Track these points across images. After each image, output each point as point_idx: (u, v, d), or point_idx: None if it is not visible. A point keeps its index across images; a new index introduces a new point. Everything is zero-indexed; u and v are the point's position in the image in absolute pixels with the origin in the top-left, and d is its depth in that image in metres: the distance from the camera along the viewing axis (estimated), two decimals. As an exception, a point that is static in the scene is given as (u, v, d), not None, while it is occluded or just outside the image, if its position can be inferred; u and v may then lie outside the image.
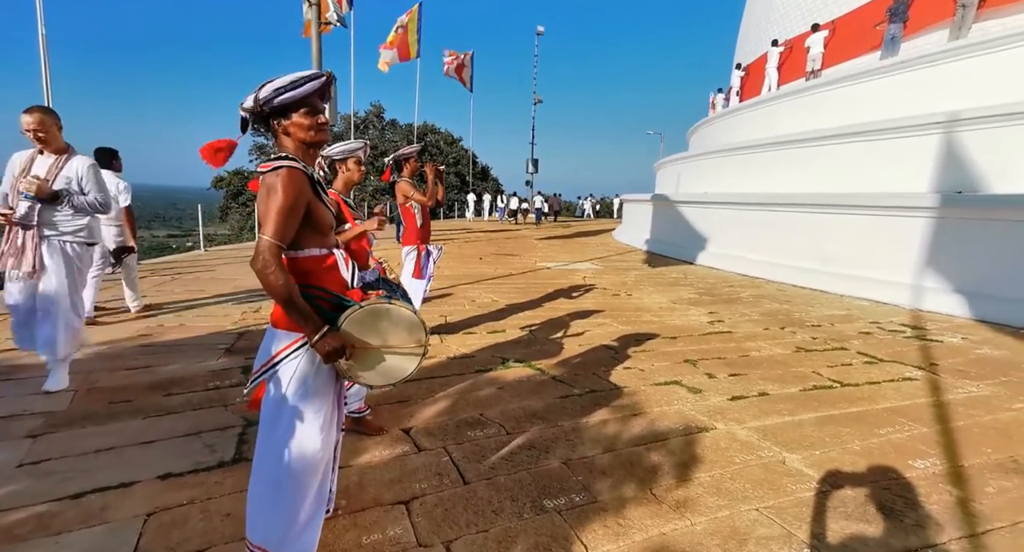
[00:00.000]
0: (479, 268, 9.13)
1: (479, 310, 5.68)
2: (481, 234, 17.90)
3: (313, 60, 6.01)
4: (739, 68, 15.41)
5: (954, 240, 5.89)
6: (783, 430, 2.78)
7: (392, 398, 3.06)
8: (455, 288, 6.99)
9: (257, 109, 1.44)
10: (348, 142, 2.60)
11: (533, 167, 29.30)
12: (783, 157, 9.39)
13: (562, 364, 3.87)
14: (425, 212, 4.13)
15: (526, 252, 12.16)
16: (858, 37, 10.42)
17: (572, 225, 25.18)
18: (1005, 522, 1.96)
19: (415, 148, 4.00)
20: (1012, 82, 6.73)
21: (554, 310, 5.76)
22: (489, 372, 3.65)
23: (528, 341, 4.50)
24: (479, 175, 38.92)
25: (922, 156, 6.86)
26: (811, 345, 4.47)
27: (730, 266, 9.07)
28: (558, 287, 7.27)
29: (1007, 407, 3.09)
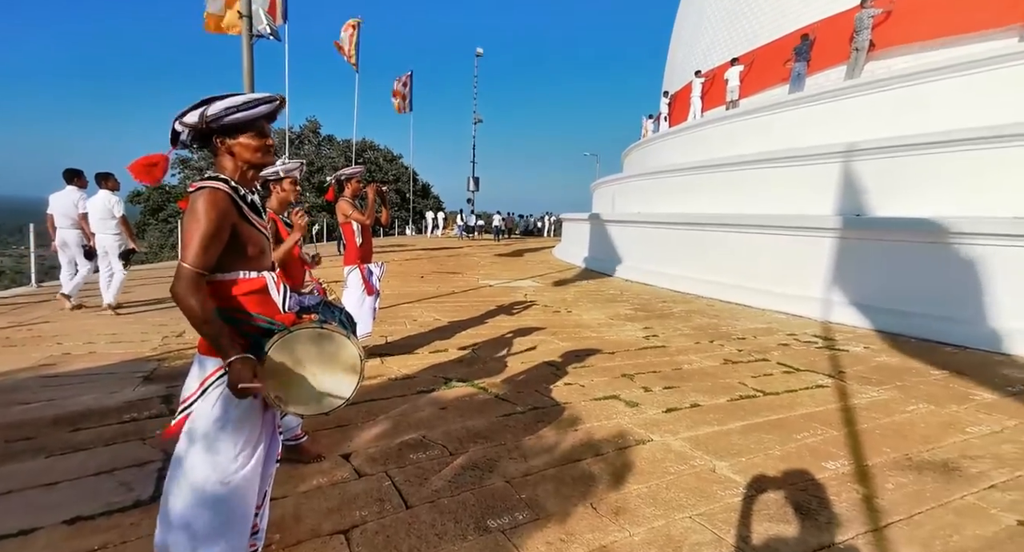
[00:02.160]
0: (421, 287, 9.04)
1: (421, 329, 5.61)
2: (422, 252, 17.74)
3: (244, 73, 5.81)
4: (666, 95, 16.40)
5: (855, 258, 6.51)
6: (713, 439, 2.94)
7: (331, 423, 2.96)
8: (397, 307, 6.88)
9: (202, 125, 1.39)
10: (284, 162, 2.54)
11: (474, 185, 29.52)
12: (707, 180, 10.04)
13: (505, 382, 3.90)
14: (366, 231, 4.08)
15: (468, 270, 12.16)
16: (770, 71, 11.42)
17: (513, 243, 25.51)
18: (902, 515, 2.17)
19: (359, 169, 3.96)
20: (898, 117, 7.61)
21: (496, 328, 5.80)
22: (432, 392, 3.61)
23: (471, 360, 4.50)
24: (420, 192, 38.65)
25: (826, 182, 7.57)
26: (737, 357, 4.76)
27: (664, 283, 9.51)
28: (500, 304, 7.33)
29: (902, 409, 3.44)
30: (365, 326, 4.08)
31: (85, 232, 5.94)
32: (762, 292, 7.52)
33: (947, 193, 6.19)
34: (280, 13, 9.05)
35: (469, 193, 30.67)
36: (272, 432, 1.64)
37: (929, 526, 2.09)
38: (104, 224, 5.85)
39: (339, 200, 3.89)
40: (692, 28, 16.01)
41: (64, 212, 5.83)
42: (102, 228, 5.85)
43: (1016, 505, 2.24)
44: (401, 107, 26.59)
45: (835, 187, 7.46)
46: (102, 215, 5.82)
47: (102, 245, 5.90)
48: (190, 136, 1.44)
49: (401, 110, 26.68)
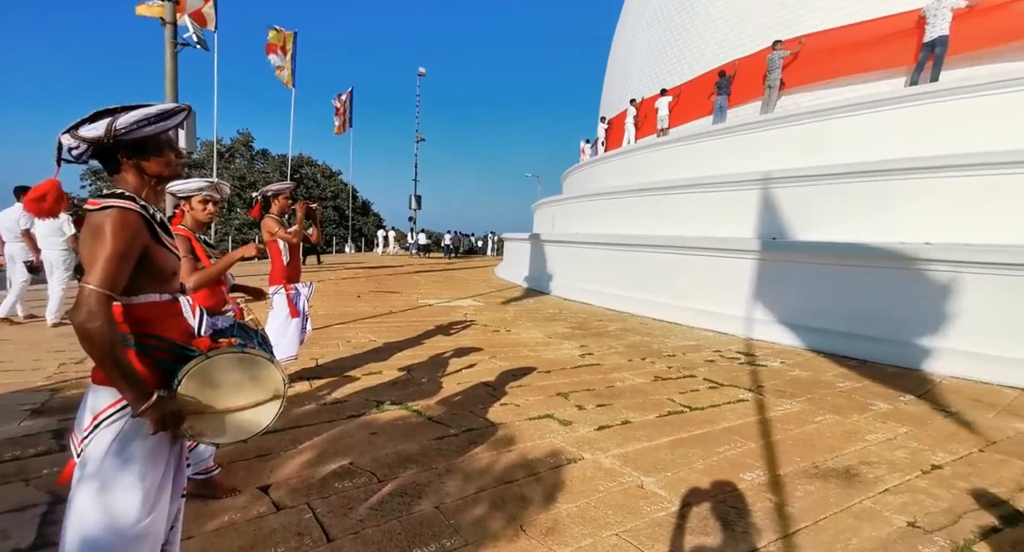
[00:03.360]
0: (357, 306, 8.78)
1: (354, 351, 5.44)
2: (361, 271, 17.28)
3: (167, 82, 5.49)
4: (604, 121, 17.12)
5: (772, 279, 7.00)
6: (642, 455, 3.02)
7: (249, 453, 2.78)
8: (330, 329, 6.63)
9: (108, 139, 1.29)
10: (190, 180, 2.39)
11: (416, 203, 29.27)
12: (641, 203, 10.51)
13: (440, 404, 3.84)
14: (294, 250, 3.93)
15: (408, 289, 11.96)
16: (696, 103, 12.20)
17: (456, 262, 25.42)
18: (809, 521, 2.31)
19: (287, 185, 3.82)
20: (806, 150, 8.33)
21: (434, 348, 5.72)
22: (362, 417, 3.49)
23: (406, 382, 4.40)
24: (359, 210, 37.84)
25: (747, 207, 8.13)
26: (667, 374, 4.95)
27: (601, 301, 9.77)
28: (439, 324, 7.24)
29: (811, 420, 3.69)
30: (291, 349, 3.90)
31: (29, 247, 6.05)
32: (691, 310, 7.89)
33: (850, 220, 6.81)
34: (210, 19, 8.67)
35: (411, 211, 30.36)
36: (178, 465, 1.52)
37: (831, 531, 2.23)
38: (49, 241, 6.02)
39: (265, 217, 3.74)
40: (624, 58, 16.89)
41: (8, 227, 6.03)
42: (48, 244, 6.02)
43: (906, 507, 2.45)
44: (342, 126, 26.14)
45: (755, 212, 8.02)
46: (45, 231, 5.99)
47: (48, 260, 6.06)
48: (87, 151, 1.34)
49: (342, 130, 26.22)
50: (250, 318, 2.32)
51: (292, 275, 3.94)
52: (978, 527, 2.28)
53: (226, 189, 2.51)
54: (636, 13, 16.43)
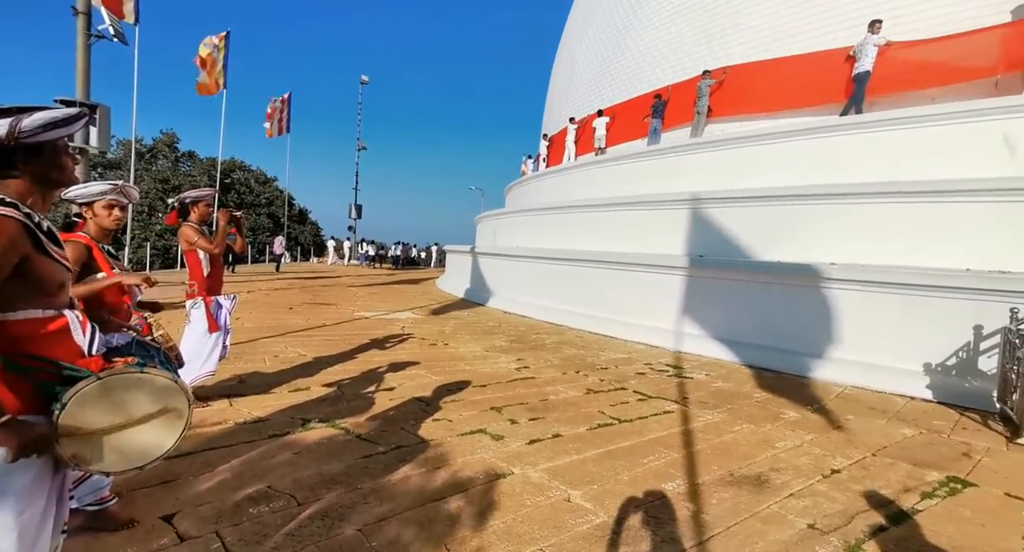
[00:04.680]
0: (287, 319, 8.41)
1: (282, 366, 5.20)
2: (295, 281, 16.60)
3: (78, 77, 5.09)
4: (546, 138, 17.52)
5: (699, 294, 7.38)
6: (570, 469, 3.07)
7: (153, 479, 2.58)
8: (256, 343, 6.31)
9: (8, 141, 1.19)
10: (91, 184, 2.22)
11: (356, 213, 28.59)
12: (579, 219, 10.80)
13: (370, 421, 3.74)
14: (215, 261, 3.72)
15: (344, 301, 11.60)
16: (633, 124, 12.75)
17: (397, 273, 24.96)
18: (722, 528, 2.43)
19: (208, 192, 3.63)
20: (730, 174, 8.91)
21: (368, 363, 5.57)
22: (286, 436, 3.33)
23: (335, 398, 4.25)
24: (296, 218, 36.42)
25: (678, 225, 8.55)
26: (599, 386, 5.07)
27: (540, 315, 9.90)
28: (375, 338, 7.06)
29: (730, 430, 3.90)
30: (209, 365, 3.68)
31: None
32: (626, 324, 8.15)
33: (768, 240, 7.31)
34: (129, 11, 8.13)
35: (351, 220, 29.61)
36: (60, 497, 1.39)
37: (741, 536, 2.36)
38: None
39: (182, 225, 3.52)
40: (566, 77, 17.42)
41: None
42: None
43: (807, 510, 2.64)
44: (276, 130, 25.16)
45: (685, 230, 8.44)
46: None
47: None
48: None
49: (275, 134, 25.23)
50: (159, 334, 2.18)
51: (213, 287, 3.73)
52: (868, 527, 2.49)
53: (134, 193, 2.34)
54: (577, 34, 17.03)
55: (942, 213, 5.96)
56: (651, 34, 12.84)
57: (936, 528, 2.51)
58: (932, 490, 2.95)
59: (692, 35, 11.68)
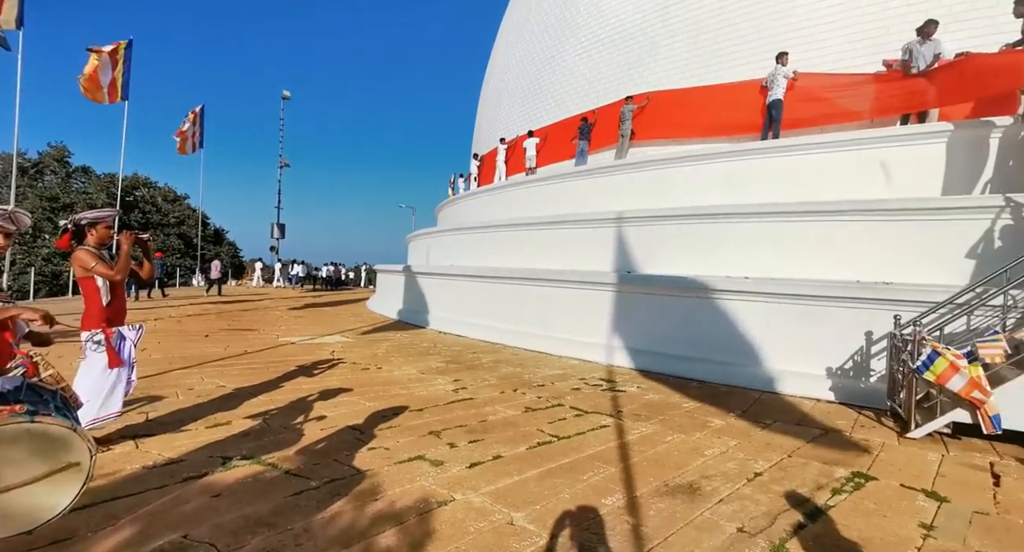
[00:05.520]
0: (204, 347, 7.80)
1: (198, 399, 4.79)
2: (211, 306, 15.47)
3: (-49, 82, 4.50)
4: (476, 157, 17.69)
5: (628, 309, 7.68)
6: (512, 491, 3.05)
7: (41, 540, 2.26)
8: (166, 375, 5.79)
9: None
10: None
11: (279, 232, 27.25)
12: (512, 237, 10.95)
13: (300, 454, 3.52)
14: (116, 288, 3.39)
15: (267, 326, 10.95)
16: (562, 145, 13.20)
17: (325, 294, 23.97)
18: (660, 539, 2.51)
19: (108, 213, 3.32)
20: (653, 193, 9.42)
21: (295, 391, 5.26)
22: (203, 478, 3.06)
23: (260, 432, 3.97)
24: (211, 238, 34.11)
25: (606, 243, 8.90)
26: (537, 404, 5.10)
27: (476, 333, 9.85)
28: (302, 364, 6.71)
29: (662, 440, 4.05)
30: (112, 405, 3.32)
31: None
32: (560, 340, 8.30)
33: (689, 256, 7.78)
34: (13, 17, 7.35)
35: (273, 240, 28.17)
36: None
37: (677, 545, 2.45)
38: None
39: (76, 249, 3.19)
40: (494, 97, 17.78)
41: None
42: None
43: (736, 514, 2.78)
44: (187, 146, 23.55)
45: (613, 248, 8.80)
46: None
47: None
48: None
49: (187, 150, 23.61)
50: (48, 374, 1.94)
51: (114, 317, 3.39)
52: (790, 526, 2.67)
53: (25, 220, 2.10)
54: (505, 55, 17.48)
55: (835, 231, 6.64)
56: (576, 60, 13.43)
57: (847, 522, 2.73)
58: (841, 486, 3.22)
59: (613, 62, 12.35)
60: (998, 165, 6.69)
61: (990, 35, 7.36)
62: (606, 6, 12.74)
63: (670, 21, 11.22)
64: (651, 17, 11.60)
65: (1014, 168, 6.51)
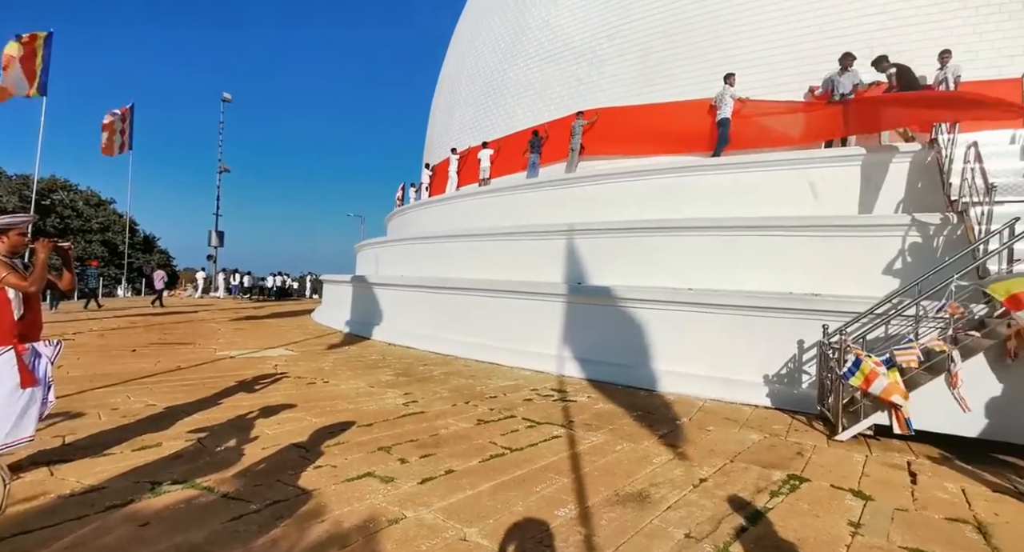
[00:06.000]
0: (131, 363, 7.26)
1: (123, 420, 4.45)
2: (139, 318, 14.46)
3: None
4: (428, 167, 17.57)
5: (579, 319, 7.82)
6: (465, 506, 3.01)
7: (-63, 585, 2.02)
8: (87, 394, 5.35)
9: None
10: None
11: (218, 240, 25.91)
12: (464, 248, 10.92)
13: (239, 476, 3.33)
14: (31, 300, 3.11)
15: (204, 339, 10.34)
16: (515, 157, 13.33)
17: (267, 305, 22.96)
18: (612, 548, 2.55)
19: (23, 219, 3.05)
20: (601, 207, 9.68)
21: (235, 409, 4.99)
22: (129, 505, 2.84)
23: (194, 453, 3.73)
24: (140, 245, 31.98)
25: (558, 254, 9.04)
26: (489, 416, 5.08)
27: (426, 345, 9.70)
28: (242, 379, 6.37)
29: (613, 450, 4.13)
30: (24, 429, 3.02)
31: None
32: (511, 351, 8.31)
33: (635, 267, 8.03)
34: None
35: (211, 249, 26.74)
36: None
37: (629, 554, 2.50)
38: None
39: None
40: (446, 108, 17.77)
41: None
42: None
43: (683, 520, 2.87)
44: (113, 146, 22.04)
45: (563, 259, 8.94)
46: None
47: None
48: None
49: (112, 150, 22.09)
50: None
51: (27, 332, 3.09)
52: (733, 529, 2.78)
53: None
54: (456, 66, 17.54)
55: (771, 245, 7.05)
56: (527, 74, 13.66)
57: (784, 523, 2.87)
58: (778, 488, 3.39)
59: (564, 78, 12.65)
60: (909, 187, 7.34)
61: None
62: (556, 23, 13.07)
63: (618, 41, 11.65)
64: (600, 36, 12.01)
65: (922, 190, 7.17)
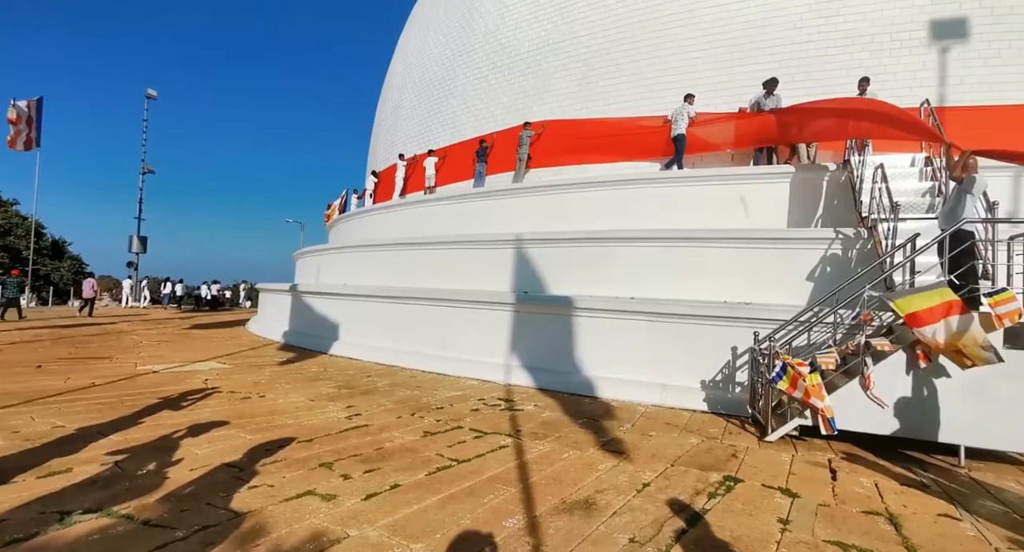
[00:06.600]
0: (35, 381, 6.60)
1: (25, 444, 4.03)
2: (46, 330, 13.19)
3: None
4: (374, 174, 17.22)
5: (526, 328, 7.88)
6: (412, 521, 2.94)
7: None
8: (-17, 415, 4.79)
9: None
10: None
11: (140, 246, 24.14)
12: (413, 257, 10.76)
13: (163, 501, 3.09)
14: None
15: (123, 353, 9.56)
16: (461, 165, 13.31)
17: (196, 316, 21.59)
18: (559, 556, 2.57)
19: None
20: (549, 217, 9.84)
21: (158, 428, 4.63)
22: (33, 539, 2.57)
23: (110, 478, 3.43)
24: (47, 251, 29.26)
25: (506, 264, 9.08)
26: (436, 428, 5.00)
27: (370, 356, 9.44)
28: (167, 396, 5.94)
29: (559, 458, 4.18)
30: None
31: None
32: (458, 361, 8.24)
33: (581, 277, 8.20)
34: None
35: (132, 255, 24.87)
36: None
37: (577, 561, 2.52)
38: None
39: None
40: (392, 115, 17.54)
41: None
42: None
43: (627, 526, 2.94)
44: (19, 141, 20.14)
45: (511, 268, 9.00)
46: None
47: None
48: None
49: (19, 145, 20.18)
50: None
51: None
52: (674, 532, 2.88)
53: None
54: (402, 74, 17.37)
55: (706, 256, 7.42)
56: (474, 84, 13.75)
57: (721, 523, 3.01)
58: (715, 490, 3.55)
59: (510, 89, 12.82)
60: (827, 204, 7.97)
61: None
62: (503, 35, 13.26)
63: (561, 56, 11.97)
64: (544, 50, 12.29)
65: (838, 206, 7.80)
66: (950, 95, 8.66)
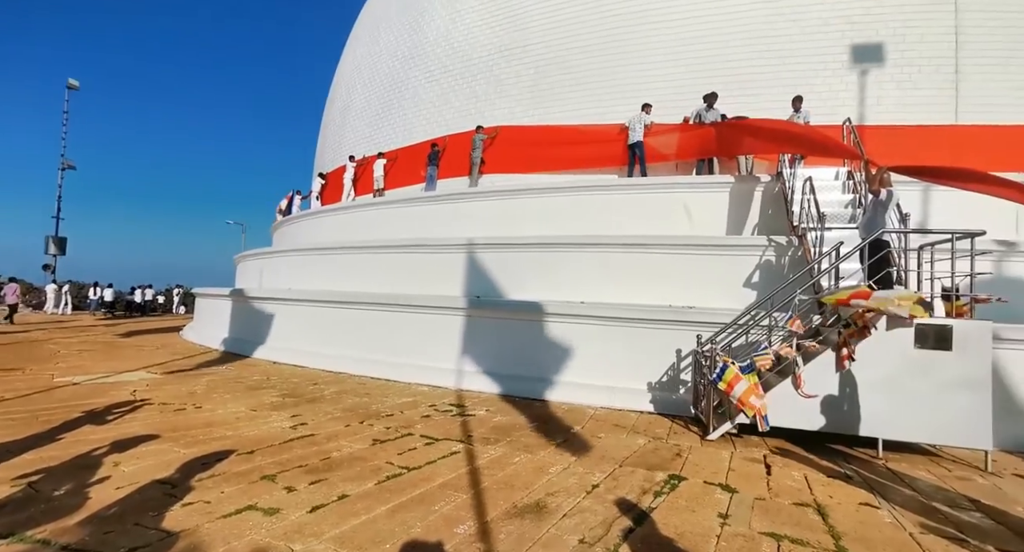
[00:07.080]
0: (-67, 395, 5.95)
1: (-78, 467, 3.63)
2: (-54, 338, 11.92)
3: None
4: (321, 176, 16.71)
5: (477, 333, 7.86)
6: (360, 532, 2.87)
7: None
8: None
9: None
10: None
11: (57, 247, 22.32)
12: (359, 260, 10.51)
13: (84, 523, 2.87)
14: None
15: (38, 364, 8.80)
16: (412, 168, 13.15)
17: (123, 323, 20.17)
18: (510, 560, 2.58)
19: None
20: (502, 221, 9.89)
21: (79, 444, 4.30)
22: (-69, 574, 2.32)
23: (24, 500, 3.16)
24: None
25: (458, 268, 9.04)
26: (385, 435, 4.90)
27: (317, 363, 9.12)
28: (90, 410, 5.52)
29: (510, 462, 4.20)
30: None
31: None
32: (409, 366, 8.11)
33: (534, 282, 8.28)
34: None
35: (49, 257, 22.95)
36: None
37: (528, 565, 2.55)
38: None
39: None
40: (340, 116, 17.11)
41: None
42: None
43: (577, 527, 3.00)
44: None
45: (463, 273, 8.97)
46: None
47: None
48: None
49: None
50: None
51: None
52: (621, 531, 2.96)
53: None
54: (351, 74, 16.99)
55: (652, 262, 7.68)
56: (426, 87, 13.64)
57: (666, 521, 3.12)
58: (660, 489, 3.67)
59: (462, 93, 12.81)
60: (763, 213, 8.45)
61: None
62: (455, 39, 13.25)
63: (513, 63, 12.09)
64: (495, 56, 12.37)
65: (773, 215, 8.29)
66: (869, 114, 9.40)
